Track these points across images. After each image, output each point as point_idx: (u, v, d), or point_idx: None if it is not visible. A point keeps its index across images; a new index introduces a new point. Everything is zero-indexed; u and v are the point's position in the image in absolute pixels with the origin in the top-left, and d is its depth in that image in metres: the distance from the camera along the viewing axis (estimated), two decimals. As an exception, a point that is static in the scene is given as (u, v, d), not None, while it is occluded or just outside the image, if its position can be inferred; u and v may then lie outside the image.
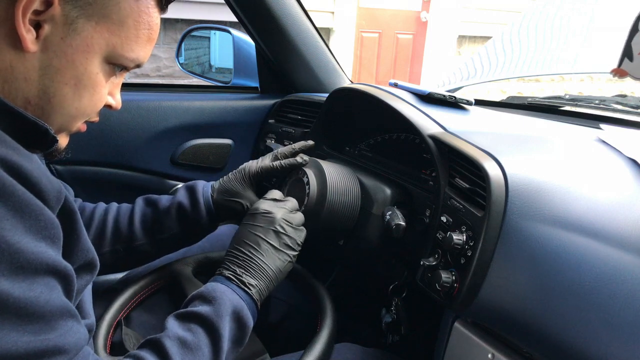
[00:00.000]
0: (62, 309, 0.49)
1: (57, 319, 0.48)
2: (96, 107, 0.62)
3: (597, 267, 0.58)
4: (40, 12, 0.52)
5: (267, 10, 1.21)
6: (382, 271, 0.95)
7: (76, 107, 0.59)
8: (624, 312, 0.56)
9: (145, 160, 1.30)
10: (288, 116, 1.30)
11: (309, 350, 0.76)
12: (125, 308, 0.88)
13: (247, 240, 0.75)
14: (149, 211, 0.90)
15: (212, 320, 0.65)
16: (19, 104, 0.55)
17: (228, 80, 1.60)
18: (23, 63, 0.54)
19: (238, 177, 0.91)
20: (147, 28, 0.60)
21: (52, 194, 0.51)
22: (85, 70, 0.57)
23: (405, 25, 5.71)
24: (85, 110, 0.61)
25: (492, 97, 2.37)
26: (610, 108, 1.09)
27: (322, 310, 0.85)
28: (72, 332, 0.50)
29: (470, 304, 0.68)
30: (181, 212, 0.88)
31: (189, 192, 0.90)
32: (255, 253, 0.74)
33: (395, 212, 0.81)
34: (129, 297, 0.89)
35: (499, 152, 0.70)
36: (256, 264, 0.73)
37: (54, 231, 0.50)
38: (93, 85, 0.59)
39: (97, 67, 0.58)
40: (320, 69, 1.36)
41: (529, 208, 0.64)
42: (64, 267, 0.51)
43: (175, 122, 1.30)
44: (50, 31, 0.54)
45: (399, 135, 1.01)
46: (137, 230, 0.88)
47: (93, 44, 0.56)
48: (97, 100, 0.61)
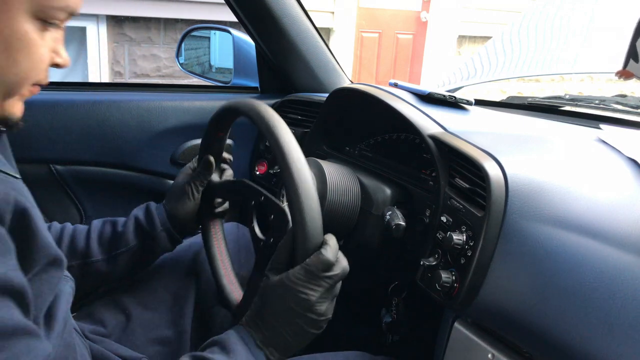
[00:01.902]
0: (14, 328, 0.47)
1: (8, 338, 0.46)
2: (39, 68, 0.57)
3: (597, 267, 0.58)
4: None
5: (267, 10, 1.21)
6: (382, 271, 0.95)
7: (15, 72, 0.54)
8: (624, 312, 0.56)
9: (145, 160, 1.30)
10: (288, 116, 1.30)
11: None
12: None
13: (279, 319, 0.65)
14: (107, 229, 0.89)
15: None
16: None
17: (228, 80, 1.60)
18: None
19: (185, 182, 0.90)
20: None
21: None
22: (11, 31, 0.52)
23: (405, 25, 5.71)
24: (27, 74, 0.56)
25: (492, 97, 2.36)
26: (610, 108, 1.09)
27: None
28: (26, 350, 0.47)
29: (470, 304, 0.68)
30: (137, 225, 0.88)
31: (145, 207, 0.91)
32: (285, 335, 0.65)
33: (395, 212, 0.81)
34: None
35: (499, 152, 0.70)
36: (284, 343, 0.66)
37: (1, 244, 0.47)
38: (26, 46, 0.54)
39: (24, 25, 0.53)
40: (320, 69, 1.36)
41: (529, 208, 0.64)
42: (16, 283, 0.48)
43: (175, 122, 1.30)
44: None
45: (399, 135, 1.01)
46: (94, 246, 0.86)
47: (11, 1, 0.51)
48: (37, 60, 0.56)
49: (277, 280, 0.65)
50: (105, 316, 0.90)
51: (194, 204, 0.90)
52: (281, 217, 0.73)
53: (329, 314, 0.66)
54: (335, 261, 0.65)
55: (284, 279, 0.65)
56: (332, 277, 0.64)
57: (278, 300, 0.65)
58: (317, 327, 0.66)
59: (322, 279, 0.64)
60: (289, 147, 0.65)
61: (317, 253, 0.64)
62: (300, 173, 0.64)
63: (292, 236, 0.66)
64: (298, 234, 0.64)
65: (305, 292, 0.63)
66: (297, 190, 0.63)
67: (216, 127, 0.86)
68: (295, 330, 0.65)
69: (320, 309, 0.65)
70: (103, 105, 1.23)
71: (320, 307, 0.65)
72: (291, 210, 0.65)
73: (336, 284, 0.66)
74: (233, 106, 0.79)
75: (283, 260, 0.67)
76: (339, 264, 0.66)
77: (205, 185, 0.91)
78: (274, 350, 0.66)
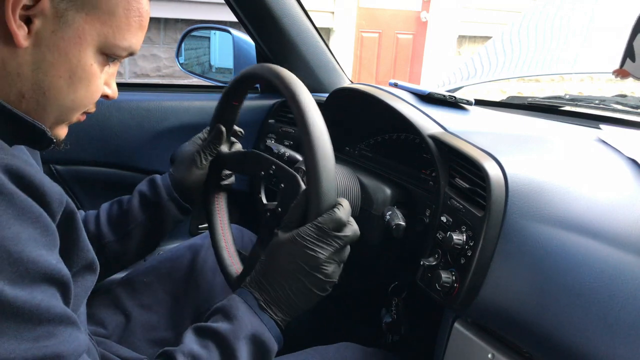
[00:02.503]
0: (61, 316, 0.49)
1: (56, 325, 0.48)
2: (92, 98, 0.61)
3: (597, 267, 0.58)
4: (29, 7, 0.52)
5: (267, 10, 1.21)
6: (382, 271, 0.95)
7: (72, 99, 0.59)
8: (624, 312, 0.56)
9: (145, 160, 1.30)
10: (288, 116, 1.30)
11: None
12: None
13: (286, 276, 0.66)
14: (114, 208, 0.90)
15: (229, 340, 0.62)
16: (13, 99, 0.55)
17: (228, 80, 1.60)
18: (15, 59, 0.54)
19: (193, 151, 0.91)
20: (138, 15, 0.60)
21: (54, 197, 0.51)
22: (78, 62, 0.57)
23: (405, 25, 5.71)
24: (82, 102, 0.60)
25: (492, 97, 2.37)
26: (610, 108, 1.09)
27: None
28: (71, 339, 0.50)
29: (470, 304, 0.68)
30: (142, 198, 0.89)
31: (148, 180, 0.92)
32: (290, 294, 0.66)
33: (395, 212, 0.81)
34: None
35: (499, 152, 0.70)
36: (288, 303, 0.66)
37: (51, 238, 0.50)
38: (88, 77, 0.58)
39: (90, 58, 0.58)
40: (320, 69, 1.36)
41: (529, 208, 0.64)
42: (63, 275, 0.50)
43: (175, 122, 1.30)
44: (42, 25, 0.54)
45: (399, 135, 1.01)
46: (104, 228, 0.87)
47: (85, 36, 0.56)
48: (93, 91, 0.61)
49: (288, 236, 0.66)
50: (105, 317, 0.90)
51: (202, 173, 0.90)
52: (293, 183, 0.74)
53: (335, 277, 0.67)
54: (347, 222, 0.66)
55: (294, 235, 0.65)
56: (342, 237, 0.65)
57: (286, 256, 0.66)
58: (322, 288, 0.67)
59: (332, 238, 0.65)
60: (309, 109, 0.67)
61: (330, 212, 0.65)
62: (319, 135, 0.66)
63: (305, 196, 0.67)
64: (312, 193, 0.65)
65: (314, 250, 0.64)
66: (315, 151, 0.65)
67: (232, 95, 0.87)
68: (300, 289, 0.65)
69: (327, 270, 0.65)
70: (103, 105, 1.23)
71: (328, 267, 0.65)
72: (307, 170, 0.66)
73: (345, 245, 0.67)
74: (250, 71, 0.80)
75: (295, 219, 0.68)
76: (351, 226, 0.67)
77: (214, 156, 0.91)
78: (277, 310, 0.66)
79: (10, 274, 0.44)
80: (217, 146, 0.91)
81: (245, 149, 0.93)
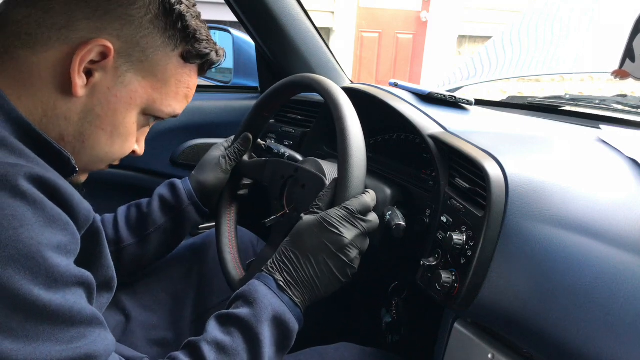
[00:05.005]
0: (92, 317, 0.51)
1: (87, 326, 0.50)
2: (124, 153, 0.65)
3: (597, 267, 0.58)
4: (95, 62, 0.55)
5: (267, 10, 1.21)
6: (382, 271, 0.95)
7: (106, 151, 0.62)
8: (624, 312, 0.56)
9: (145, 160, 1.30)
10: (288, 116, 1.30)
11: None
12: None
13: (309, 255, 0.68)
14: (132, 212, 0.91)
15: (251, 324, 0.63)
16: (53, 138, 0.56)
17: (228, 80, 1.60)
18: (66, 104, 0.56)
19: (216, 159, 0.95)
20: (186, 87, 0.65)
21: (82, 212, 0.52)
22: (123, 120, 0.60)
23: (405, 25, 5.72)
24: (114, 156, 0.64)
25: (492, 97, 2.37)
26: (610, 108, 1.09)
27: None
28: (101, 339, 0.51)
29: (470, 304, 0.68)
30: (162, 202, 0.91)
31: (168, 184, 0.93)
32: (313, 275, 0.68)
33: (395, 212, 0.81)
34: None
35: (499, 152, 0.70)
36: (310, 285, 0.68)
37: (75, 246, 0.51)
38: (127, 134, 0.62)
39: (134, 117, 0.61)
40: (320, 69, 1.36)
41: (529, 208, 0.64)
42: (88, 277, 0.52)
43: (175, 122, 1.30)
44: (100, 80, 0.56)
45: (399, 135, 1.01)
46: (123, 231, 0.89)
47: (136, 97, 0.60)
48: (127, 148, 0.64)
49: (314, 217, 0.70)
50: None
51: (224, 177, 0.94)
52: (317, 182, 0.80)
53: (356, 264, 0.70)
54: (372, 208, 0.71)
55: (322, 215, 0.69)
56: (367, 221, 0.70)
57: (312, 236, 0.68)
58: (344, 273, 0.69)
59: (357, 220, 0.69)
60: (345, 105, 0.75)
61: (357, 196, 0.70)
62: (354, 128, 0.73)
63: (335, 183, 0.72)
64: (343, 181, 0.70)
65: (340, 231, 0.68)
66: (349, 142, 0.71)
67: (266, 105, 0.92)
68: (323, 271, 0.68)
69: (350, 253, 0.68)
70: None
71: (351, 251, 0.68)
72: (340, 160, 0.71)
73: (368, 232, 0.70)
74: (290, 81, 0.87)
75: (323, 204, 0.72)
76: (374, 214, 0.72)
77: (238, 162, 0.95)
78: (297, 292, 0.67)
79: (45, 279, 0.46)
80: (242, 153, 0.95)
81: (265, 158, 0.96)
